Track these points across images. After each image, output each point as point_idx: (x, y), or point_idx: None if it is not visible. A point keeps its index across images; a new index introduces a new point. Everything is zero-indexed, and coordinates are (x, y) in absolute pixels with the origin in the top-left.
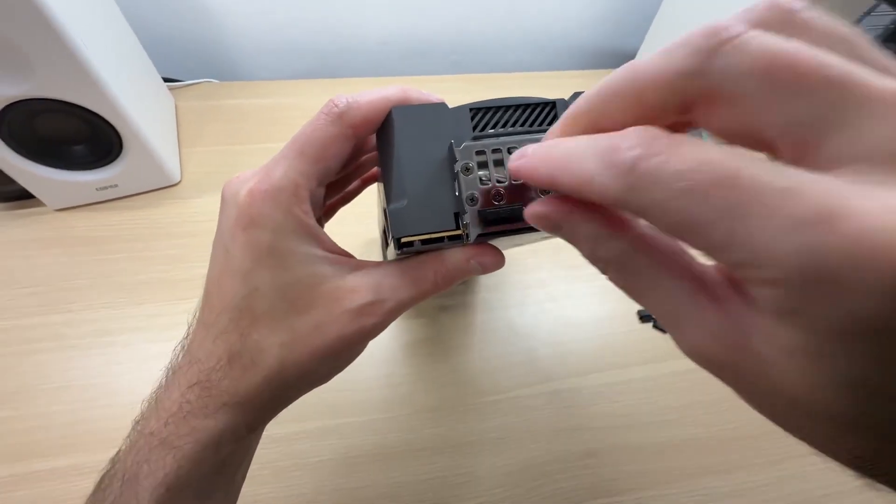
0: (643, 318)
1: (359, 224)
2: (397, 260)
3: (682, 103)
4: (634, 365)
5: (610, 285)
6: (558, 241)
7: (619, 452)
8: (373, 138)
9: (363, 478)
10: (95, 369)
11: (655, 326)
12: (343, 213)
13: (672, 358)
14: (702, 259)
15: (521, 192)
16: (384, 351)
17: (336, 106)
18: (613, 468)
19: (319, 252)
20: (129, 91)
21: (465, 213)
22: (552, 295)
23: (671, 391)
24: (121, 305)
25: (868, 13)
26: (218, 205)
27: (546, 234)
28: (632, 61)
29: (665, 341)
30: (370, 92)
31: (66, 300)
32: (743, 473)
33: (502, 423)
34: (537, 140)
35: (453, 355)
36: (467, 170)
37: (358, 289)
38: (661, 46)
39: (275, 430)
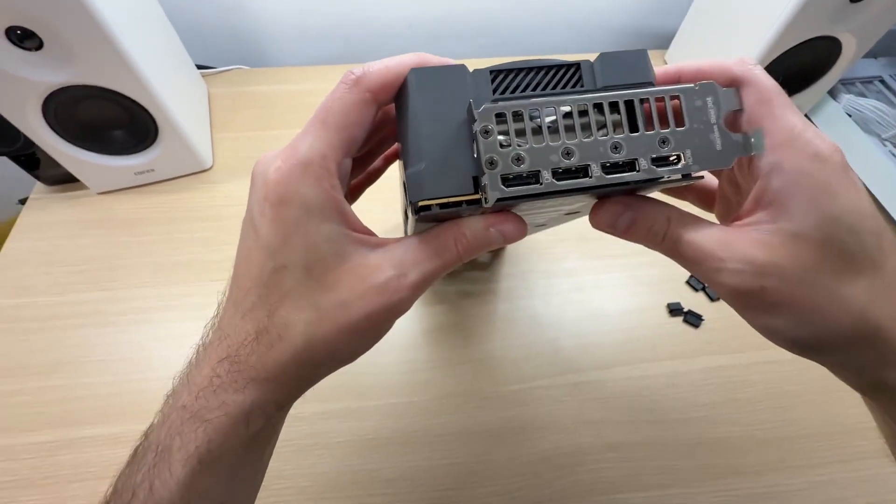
0: (673, 311)
1: (386, 210)
2: (418, 233)
3: None
4: (662, 360)
5: (639, 276)
6: (585, 230)
7: (642, 448)
8: (394, 110)
9: (382, 460)
10: (133, 344)
11: (686, 321)
12: (370, 200)
13: (703, 354)
14: None
15: (542, 154)
16: (406, 337)
17: (352, 73)
18: (636, 463)
19: (345, 230)
20: (163, 78)
21: (483, 176)
22: (579, 285)
23: (701, 388)
24: (157, 285)
25: None
26: (248, 190)
27: (569, 208)
28: None
29: (696, 336)
30: (387, 58)
31: (108, 279)
32: (777, 476)
33: (523, 412)
34: (561, 103)
35: (475, 343)
36: (486, 132)
37: (381, 265)
38: (703, 27)
39: (298, 409)
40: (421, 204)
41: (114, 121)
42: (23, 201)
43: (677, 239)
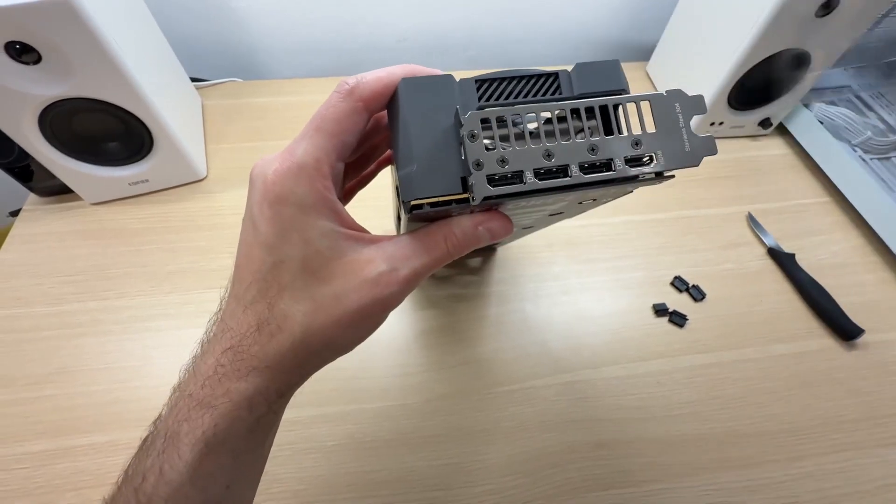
0: (658, 311)
1: (379, 217)
2: (410, 231)
3: None
4: (648, 359)
5: (625, 279)
6: (572, 235)
7: (631, 445)
8: (385, 119)
9: (377, 462)
10: (130, 353)
11: (671, 321)
12: (365, 206)
13: (687, 353)
14: None
15: (525, 156)
16: (399, 340)
17: (346, 84)
18: (625, 460)
19: (339, 227)
20: (159, 90)
21: (471, 176)
22: (567, 288)
23: (686, 386)
24: (153, 294)
25: (885, 16)
26: (243, 199)
27: (553, 208)
28: None
29: (680, 336)
30: (379, 70)
31: (103, 288)
32: (759, 469)
33: (515, 412)
34: (541, 109)
35: (467, 346)
36: (473, 136)
37: (373, 260)
38: (680, 41)
39: (293, 413)
40: (413, 203)
41: (109, 132)
42: (14, 213)
43: None
